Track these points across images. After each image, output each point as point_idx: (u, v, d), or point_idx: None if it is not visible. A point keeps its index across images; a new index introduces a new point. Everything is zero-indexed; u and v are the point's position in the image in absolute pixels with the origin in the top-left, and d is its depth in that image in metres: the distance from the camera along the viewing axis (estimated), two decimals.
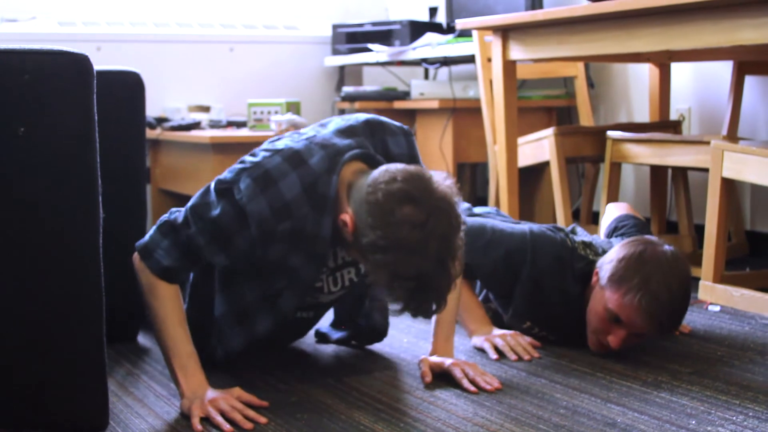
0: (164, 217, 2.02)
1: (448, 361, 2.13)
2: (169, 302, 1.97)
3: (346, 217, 1.88)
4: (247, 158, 1.97)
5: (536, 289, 2.36)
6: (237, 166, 1.96)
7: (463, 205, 2.94)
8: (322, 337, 2.47)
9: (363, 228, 1.84)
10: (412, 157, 2.07)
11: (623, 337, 2.22)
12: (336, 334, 2.45)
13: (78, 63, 1.68)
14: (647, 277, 2.16)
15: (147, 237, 2.00)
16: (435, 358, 2.16)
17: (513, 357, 2.30)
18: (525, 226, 2.44)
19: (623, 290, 2.17)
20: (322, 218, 1.93)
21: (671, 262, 2.21)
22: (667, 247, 2.25)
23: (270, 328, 2.10)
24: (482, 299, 2.55)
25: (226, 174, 1.96)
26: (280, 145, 1.98)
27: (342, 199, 1.93)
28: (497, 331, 2.39)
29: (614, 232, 2.64)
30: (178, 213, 2.00)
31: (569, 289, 2.35)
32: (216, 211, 1.93)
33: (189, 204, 1.99)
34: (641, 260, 2.20)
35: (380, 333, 2.39)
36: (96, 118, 1.71)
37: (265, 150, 1.98)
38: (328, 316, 2.47)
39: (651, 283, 2.16)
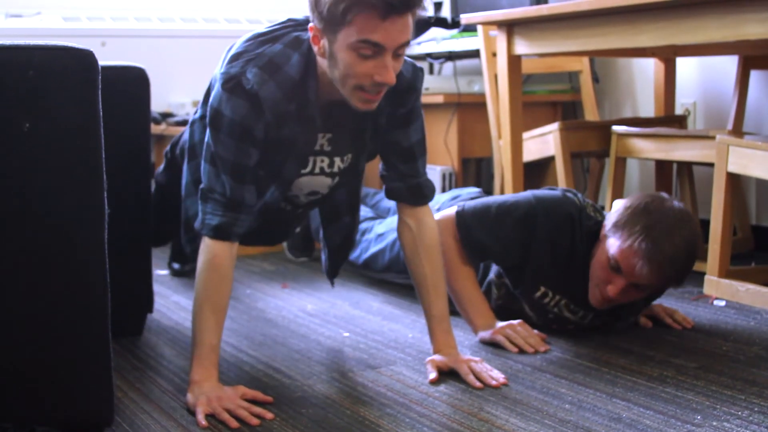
0: (200, 186, 2.06)
1: (454, 358, 2.13)
2: (212, 287, 2.00)
3: (310, 30, 1.95)
4: (247, 49, 2.02)
5: (550, 249, 2.35)
6: (240, 60, 2.00)
7: (471, 191, 2.94)
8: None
9: (312, 2, 1.91)
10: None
11: (622, 287, 2.23)
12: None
13: (83, 59, 1.67)
14: (650, 225, 2.17)
15: (199, 214, 2.05)
16: (441, 357, 2.15)
17: (530, 350, 2.30)
18: (528, 193, 2.45)
19: (625, 236, 2.19)
20: (309, 81, 2.00)
21: (678, 216, 2.22)
22: (676, 203, 2.25)
23: (279, 197, 2.18)
24: (495, 274, 2.54)
25: (228, 70, 2.00)
26: (279, 31, 2.08)
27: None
28: (502, 323, 2.39)
29: None
30: (203, 175, 2.06)
31: (578, 247, 2.35)
32: (228, 112, 1.98)
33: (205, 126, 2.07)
34: (647, 210, 2.21)
35: (351, 242, 2.44)
36: (101, 113, 1.71)
37: (264, 42, 2.04)
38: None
39: (653, 230, 2.17)
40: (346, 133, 2.15)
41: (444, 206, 2.76)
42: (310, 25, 1.94)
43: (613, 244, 2.22)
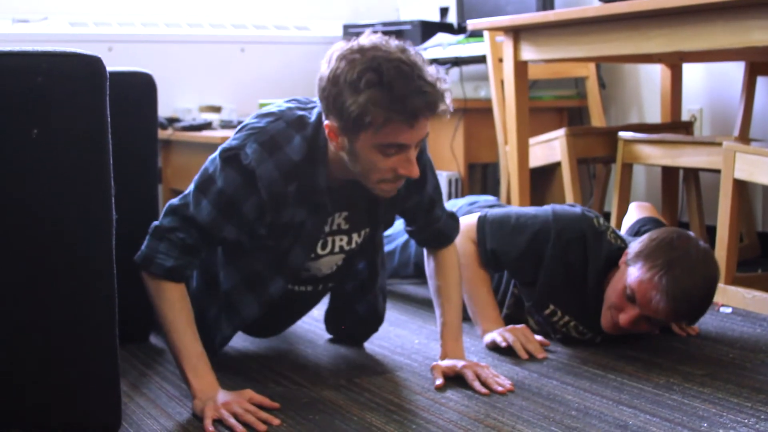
0: (154, 223, 2.04)
1: (460, 364, 2.13)
2: (177, 304, 1.98)
3: (326, 127, 1.90)
4: (251, 122, 2.01)
5: (561, 267, 2.35)
6: (242, 133, 1.99)
7: (489, 198, 2.95)
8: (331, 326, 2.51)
9: (328, 100, 1.86)
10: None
11: (634, 317, 2.22)
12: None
13: (91, 65, 1.68)
14: (673, 260, 2.18)
15: (143, 247, 2.01)
16: (447, 362, 2.15)
17: (525, 356, 2.29)
18: (548, 207, 2.45)
19: (645, 267, 2.19)
20: (318, 169, 1.97)
21: (701, 256, 2.22)
22: (701, 243, 2.26)
23: (283, 288, 2.12)
24: (514, 286, 2.54)
25: (230, 141, 1.99)
26: (284, 107, 2.03)
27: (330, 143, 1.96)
28: (508, 327, 2.39)
29: (636, 235, 2.63)
30: (165, 215, 2.03)
31: (591, 268, 2.35)
32: (220, 182, 1.96)
33: (192, 185, 2.02)
34: (671, 245, 2.21)
35: (379, 317, 2.40)
36: (109, 119, 1.71)
37: (267, 115, 2.01)
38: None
39: (675, 266, 2.16)
40: (362, 208, 2.13)
41: (461, 209, 2.77)
42: (326, 122, 1.90)
43: (632, 273, 2.22)
